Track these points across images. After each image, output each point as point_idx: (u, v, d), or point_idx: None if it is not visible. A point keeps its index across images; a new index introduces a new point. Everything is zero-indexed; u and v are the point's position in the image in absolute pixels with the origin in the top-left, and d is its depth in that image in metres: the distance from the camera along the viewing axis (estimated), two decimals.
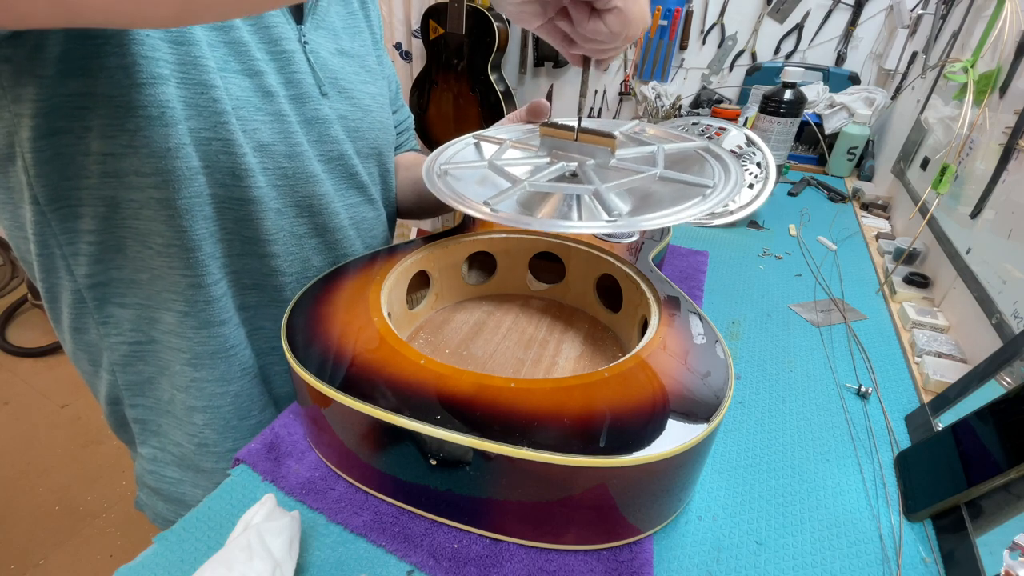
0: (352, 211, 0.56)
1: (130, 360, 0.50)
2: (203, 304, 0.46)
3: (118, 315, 0.48)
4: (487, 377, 0.36)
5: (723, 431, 0.47)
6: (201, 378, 0.49)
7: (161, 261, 0.45)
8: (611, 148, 0.42)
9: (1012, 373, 0.43)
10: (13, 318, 2.09)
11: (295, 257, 0.52)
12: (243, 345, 0.51)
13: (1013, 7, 0.70)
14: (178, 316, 0.47)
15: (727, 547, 0.37)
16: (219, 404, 0.51)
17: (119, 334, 0.49)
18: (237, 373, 0.51)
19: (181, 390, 0.50)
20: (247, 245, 0.48)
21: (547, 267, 0.60)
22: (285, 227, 0.50)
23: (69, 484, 1.46)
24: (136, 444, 0.56)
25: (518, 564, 0.34)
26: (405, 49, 2.14)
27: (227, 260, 0.47)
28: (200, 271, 0.45)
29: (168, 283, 0.46)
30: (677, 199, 0.38)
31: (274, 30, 0.46)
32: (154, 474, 0.55)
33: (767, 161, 0.90)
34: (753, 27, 1.65)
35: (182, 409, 0.51)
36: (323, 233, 0.53)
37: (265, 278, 0.50)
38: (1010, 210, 0.58)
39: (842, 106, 1.20)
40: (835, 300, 0.68)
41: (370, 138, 0.57)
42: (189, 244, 0.44)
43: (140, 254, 0.45)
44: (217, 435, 0.52)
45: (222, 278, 0.47)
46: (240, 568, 0.29)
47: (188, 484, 0.54)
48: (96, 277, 0.46)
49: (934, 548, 0.38)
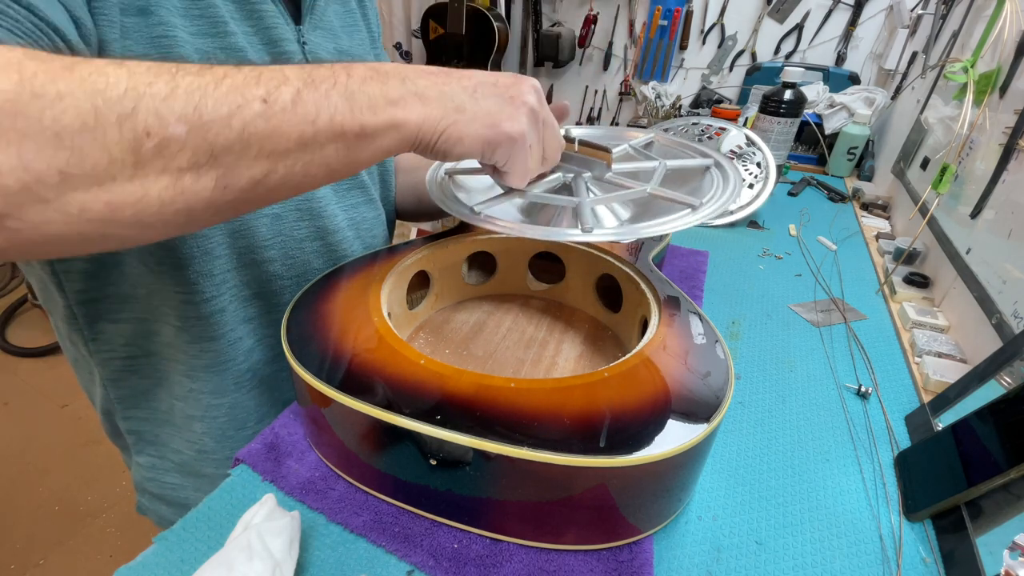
0: (352, 212, 0.56)
1: (122, 375, 0.50)
2: (194, 320, 0.47)
3: (110, 331, 0.48)
4: (487, 377, 0.36)
5: (723, 431, 0.47)
6: (197, 389, 0.50)
7: (155, 278, 0.45)
8: (608, 162, 0.43)
9: (1012, 373, 0.43)
10: (13, 318, 2.09)
11: (294, 261, 0.51)
12: (239, 359, 0.50)
13: (1013, 7, 0.70)
14: (174, 330, 0.47)
15: (727, 547, 0.37)
16: (215, 415, 0.51)
17: (110, 350, 0.49)
18: (231, 386, 0.51)
19: (180, 399, 0.50)
20: (244, 255, 0.48)
21: (547, 267, 0.60)
22: (283, 231, 0.50)
23: (69, 484, 1.46)
24: (132, 453, 0.56)
25: (518, 564, 0.34)
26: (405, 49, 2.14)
27: (224, 276, 0.47)
28: (189, 289, 0.45)
29: (163, 298, 0.46)
30: (666, 212, 0.40)
31: (273, 31, 0.46)
32: (154, 481, 0.55)
33: (767, 161, 0.90)
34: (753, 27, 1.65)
35: (181, 418, 0.51)
36: (323, 236, 0.53)
37: (265, 284, 0.50)
38: (1010, 210, 0.58)
39: (842, 106, 1.20)
40: (835, 300, 0.68)
41: None
42: (178, 263, 0.44)
43: (137, 270, 0.45)
44: (215, 443, 0.52)
45: (217, 295, 0.47)
46: (240, 568, 0.29)
47: (190, 489, 0.55)
48: (89, 293, 0.46)
49: (934, 548, 0.38)
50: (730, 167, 0.45)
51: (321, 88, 0.29)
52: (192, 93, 0.25)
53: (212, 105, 0.25)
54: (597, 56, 1.92)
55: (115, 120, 0.23)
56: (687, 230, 0.85)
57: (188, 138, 0.25)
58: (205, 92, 0.25)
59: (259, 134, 0.26)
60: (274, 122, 0.27)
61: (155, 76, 0.24)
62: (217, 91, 0.25)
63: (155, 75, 0.24)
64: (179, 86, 0.24)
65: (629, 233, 0.39)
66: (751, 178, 0.90)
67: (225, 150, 0.26)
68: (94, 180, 0.23)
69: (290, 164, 0.28)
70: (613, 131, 0.55)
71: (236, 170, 0.27)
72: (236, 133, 0.26)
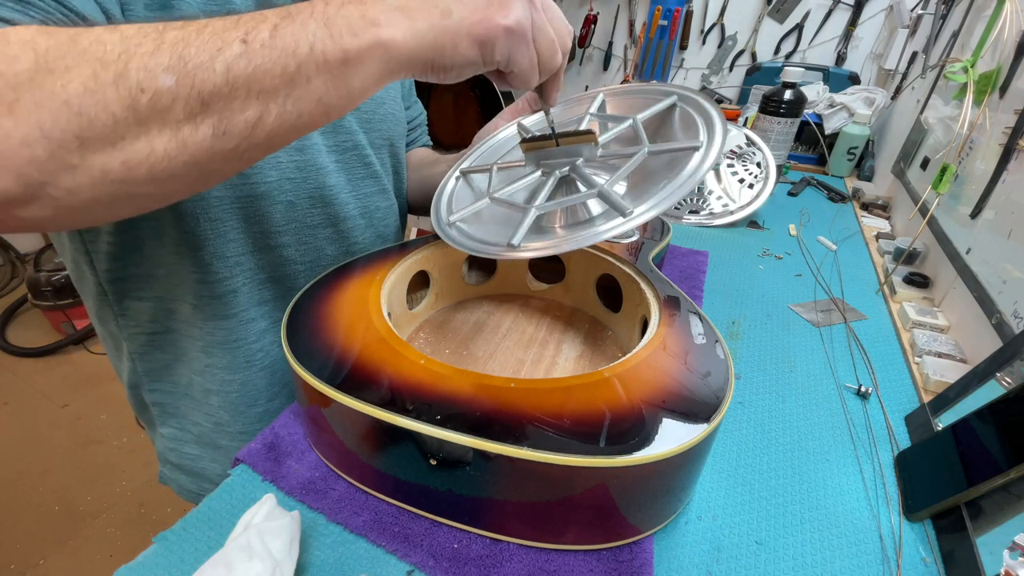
0: (365, 201, 0.57)
1: (148, 349, 0.53)
2: (208, 299, 0.49)
3: (136, 308, 0.50)
4: (487, 377, 0.36)
5: (723, 431, 0.47)
6: (213, 364, 0.52)
7: (174, 259, 0.47)
8: (594, 142, 0.41)
9: (1012, 373, 0.43)
10: (13, 318, 2.09)
11: (307, 247, 0.53)
12: (251, 339, 0.52)
13: (1013, 7, 0.70)
14: (191, 308, 0.49)
15: (727, 547, 0.37)
16: (229, 390, 0.53)
17: (137, 325, 0.51)
18: (242, 364, 0.52)
19: (198, 374, 0.53)
20: (259, 240, 0.49)
21: (547, 267, 0.60)
22: (297, 218, 0.51)
23: (69, 484, 1.46)
24: (156, 425, 0.58)
25: (518, 564, 0.34)
26: None
27: (238, 259, 0.49)
28: (204, 269, 0.47)
29: (181, 278, 0.48)
30: (674, 167, 0.37)
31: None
32: (175, 451, 0.58)
33: (767, 161, 0.90)
34: (753, 27, 1.65)
35: (200, 391, 0.53)
36: (335, 223, 0.54)
37: (279, 268, 0.52)
38: (1010, 210, 0.58)
39: (842, 106, 1.20)
40: (835, 300, 0.68)
41: (383, 129, 0.58)
42: (194, 244, 0.46)
43: (157, 251, 0.47)
44: (230, 416, 0.54)
45: (230, 276, 0.49)
46: (240, 568, 0.29)
47: (208, 460, 0.57)
48: (115, 272, 0.48)
49: (934, 548, 0.38)
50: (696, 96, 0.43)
51: (298, 19, 0.28)
52: (176, 44, 0.25)
53: (194, 52, 0.26)
54: (597, 56, 1.92)
55: (112, 81, 0.24)
56: (688, 229, 0.85)
57: (178, 88, 0.25)
58: (187, 41, 0.26)
59: (243, 74, 0.27)
60: (256, 60, 0.27)
61: (143, 36, 0.25)
62: (199, 39, 0.26)
63: (144, 35, 0.25)
64: (164, 40, 0.25)
65: (668, 197, 0.36)
66: (751, 178, 0.90)
67: (214, 95, 0.26)
68: (107, 140, 0.25)
69: (281, 102, 0.28)
70: (560, 111, 0.53)
71: (229, 114, 0.27)
72: (221, 76, 0.26)
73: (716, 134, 0.39)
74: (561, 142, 0.42)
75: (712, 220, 0.88)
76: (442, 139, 2.18)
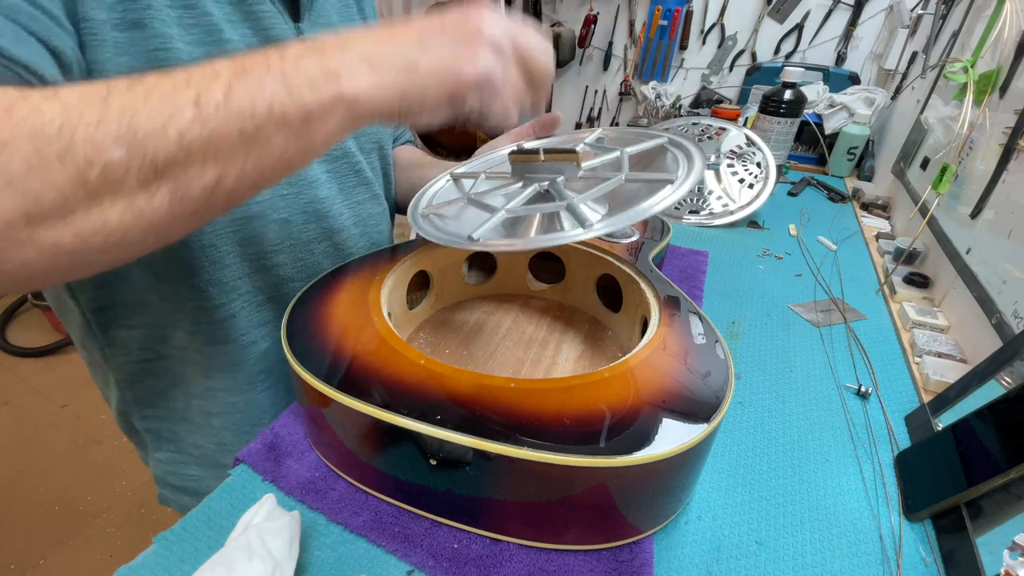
0: (358, 209, 0.57)
1: (138, 377, 0.51)
2: (207, 324, 0.47)
3: (123, 336, 0.48)
4: (487, 377, 0.36)
5: (723, 431, 0.47)
6: (214, 387, 0.50)
7: (167, 286, 0.45)
8: (576, 162, 0.43)
9: (1012, 373, 0.43)
10: (13, 318, 2.09)
11: (304, 263, 0.52)
12: (252, 361, 0.51)
13: (1013, 7, 0.70)
14: (187, 334, 0.48)
15: (727, 547, 0.37)
16: (231, 411, 0.52)
17: (125, 355, 0.49)
18: (244, 386, 0.51)
19: (197, 397, 0.51)
20: (254, 262, 0.48)
21: (547, 267, 0.60)
22: (292, 235, 0.50)
23: (69, 484, 1.46)
24: (150, 449, 0.57)
25: (518, 564, 0.34)
26: None
27: (235, 283, 0.48)
28: (200, 296, 0.46)
29: (176, 304, 0.46)
30: (648, 195, 0.40)
31: (272, 31, 0.45)
32: (175, 474, 0.57)
33: (767, 161, 0.90)
34: (753, 27, 1.65)
35: (199, 414, 0.52)
36: (330, 236, 0.53)
37: (277, 288, 0.51)
38: (1010, 210, 0.58)
39: (842, 106, 1.20)
40: (835, 300, 0.68)
41: (371, 132, 0.58)
42: (188, 271, 0.45)
43: (145, 280, 0.45)
44: (234, 437, 0.53)
45: (228, 302, 0.48)
46: (240, 568, 0.29)
47: (212, 479, 0.56)
48: (100, 302, 0.46)
49: (934, 548, 0.38)
50: (684, 140, 0.46)
51: (254, 76, 0.27)
52: (123, 112, 0.24)
53: (144, 120, 0.24)
54: (597, 56, 1.92)
55: (56, 157, 0.23)
56: (688, 229, 0.85)
57: (129, 158, 0.24)
58: (135, 109, 0.24)
59: (199, 139, 0.25)
60: (211, 124, 0.25)
61: (86, 104, 0.24)
62: (147, 104, 0.24)
63: (86, 103, 0.24)
64: (110, 108, 0.24)
65: (626, 218, 0.38)
66: (751, 178, 0.90)
67: (168, 163, 0.25)
68: (56, 216, 0.24)
69: (240, 164, 0.27)
70: (558, 139, 0.55)
71: (186, 180, 0.26)
72: (175, 143, 0.25)
73: (693, 173, 0.41)
74: (546, 157, 0.44)
75: (712, 220, 0.88)
76: (439, 138, 2.18)
